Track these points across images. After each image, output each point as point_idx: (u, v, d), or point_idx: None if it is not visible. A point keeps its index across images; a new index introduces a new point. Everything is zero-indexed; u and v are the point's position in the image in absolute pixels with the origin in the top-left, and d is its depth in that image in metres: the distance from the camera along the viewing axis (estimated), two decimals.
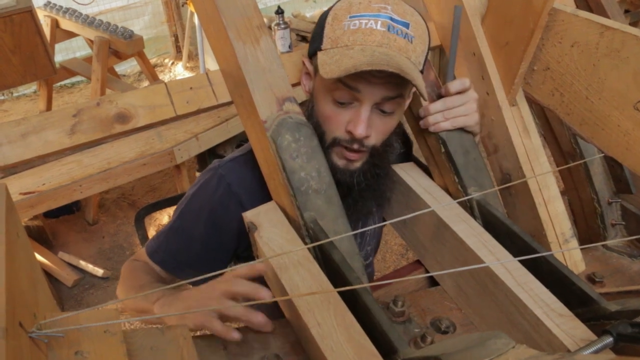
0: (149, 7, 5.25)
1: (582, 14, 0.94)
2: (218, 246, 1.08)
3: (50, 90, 3.61)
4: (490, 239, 0.93)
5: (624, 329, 0.66)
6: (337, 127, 0.94)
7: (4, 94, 4.89)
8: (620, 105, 0.89)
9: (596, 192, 1.24)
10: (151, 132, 2.67)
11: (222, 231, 1.06)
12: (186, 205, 1.10)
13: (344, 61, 0.85)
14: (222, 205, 1.04)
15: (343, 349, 0.70)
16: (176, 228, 1.11)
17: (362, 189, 1.00)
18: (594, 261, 1.15)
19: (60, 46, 4.00)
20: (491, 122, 1.11)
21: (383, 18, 0.87)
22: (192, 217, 1.08)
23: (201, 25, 1.09)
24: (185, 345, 0.73)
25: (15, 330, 0.49)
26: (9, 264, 0.53)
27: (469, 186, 1.02)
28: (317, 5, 5.69)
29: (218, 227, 1.06)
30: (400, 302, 0.92)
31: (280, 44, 2.98)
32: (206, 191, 1.06)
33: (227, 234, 1.06)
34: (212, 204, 1.05)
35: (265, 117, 0.89)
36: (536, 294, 0.81)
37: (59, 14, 3.47)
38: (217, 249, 1.08)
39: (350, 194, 1.00)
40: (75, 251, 3.12)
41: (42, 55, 2.62)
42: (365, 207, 1.03)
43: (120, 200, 3.59)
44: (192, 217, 1.08)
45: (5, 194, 0.61)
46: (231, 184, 1.04)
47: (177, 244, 1.10)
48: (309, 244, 0.88)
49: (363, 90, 0.89)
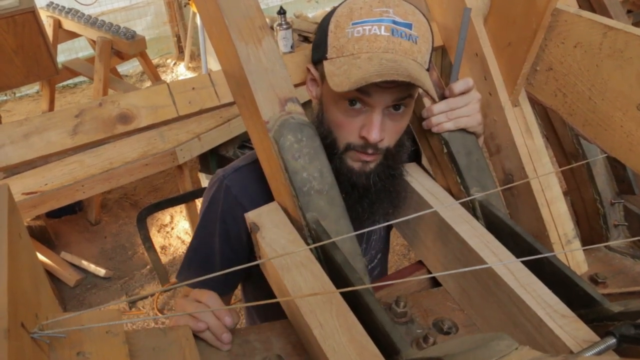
0: (151, 8, 5.26)
1: (585, 14, 0.94)
2: (234, 256, 1.10)
3: (52, 91, 3.62)
4: (492, 239, 0.92)
5: (627, 330, 0.66)
6: (349, 134, 0.94)
7: (6, 94, 4.91)
8: (623, 106, 0.89)
9: (599, 193, 1.23)
10: (153, 132, 2.68)
11: (234, 241, 1.08)
12: (200, 223, 1.13)
13: (352, 72, 0.85)
14: (231, 215, 1.06)
15: (345, 349, 0.70)
16: (195, 247, 1.15)
17: (378, 190, 1.00)
18: (596, 262, 1.15)
19: (62, 46, 4.01)
20: (494, 122, 1.11)
21: (386, 22, 0.87)
22: (207, 233, 1.11)
23: (203, 25, 1.09)
24: (188, 345, 0.73)
25: (18, 331, 0.49)
26: (11, 264, 0.53)
27: (471, 187, 1.02)
28: (319, 6, 5.70)
29: (230, 237, 1.08)
30: (402, 302, 0.92)
31: (283, 44, 2.98)
32: (216, 205, 1.08)
33: (238, 244, 1.08)
34: (223, 215, 1.07)
35: (268, 118, 0.89)
36: (539, 295, 0.81)
37: (62, 14, 3.47)
38: (233, 259, 1.10)
39: (367, 196, 1.00)
40: (78, 251, 3.13)
41: (44, 55, 2.63)
42: (381, 208, 1.03)
43: (123, 200, 3.60)
44: (207, 232, 1.11)
45: (8, 194, 0.61)
46: (237, 195, 1.06)
47: (199, 262, 1.13)
48: (311, 244, 0.88)
49: (374, 96, 0.89)
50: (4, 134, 0.86)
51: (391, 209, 1.04)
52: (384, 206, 1.03)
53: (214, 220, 1.09)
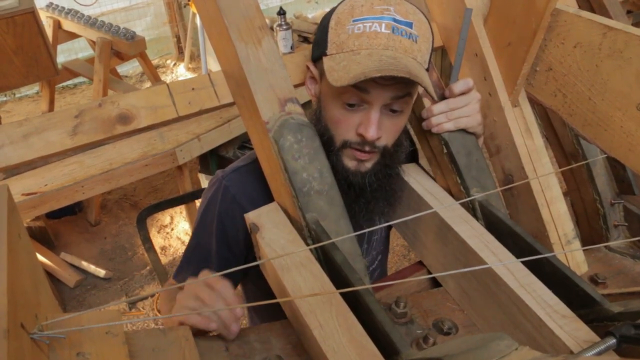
0: (151, 8, 5.26)
1: (585, 15, 0.94)
2: (231, 256, 1.10)
3: (52, 91, 3.62)
4: (492, 240, 0.92)
5: (627, 331, 0.66)
6: (347, 131, 0.94)
7: (6, 95, 4.91)
8: (623, 106, 0.89)
9: (599, 193, 1.23)
10: (153, 133, 2.68)
11: (231, 241, 1.08)
12: (198, 224, 1.13)
13: (352, 67, 0.85)
14: (228, 215, 1.06)
15: (345, 350, 0.70)
16: (193, 247, 1.15)
17: (374, 190, 1.00)
18: (596, 262, 1.14)
19: (62, 47, 4.01)
20: (493, 123, 1.11)
21: (387, 20, 0.87)
22: (205, 233, 1.11)
23: (203, 26, 1.09)
24: (187, 346, 0.73)
25: (17, 332, 0.49)
26: (10, 265, 0.53)
27: (471, 187, 1.02)
28: (319, 6, 5.70)
29: (227, 237, 1.08)
30: (402, 303, 0.92)
31: (282, 44, 2.98)
32: (213, 205, 1.08)
33: (235, 244, 1.08)
34: (220, 215, 1.07)
35: (267, 118, 0.89)
36: (539, 295, 0.80)
37: (62, 15, 3.47)
38: (230, 259, 1.10)
39: (362, 195, 1.00)
40: (77, 252, 3.13)
41: (44, 56, 2.63)
42: (377, 207, 1.03)
43: (122, 201, 3.60)
44: (206, 233, 1.11)
45: (7, 195, 0.61)
46: (236, 194, 1.06)
47: (196, 262, 1.13)
48: (311, 245, 0.88)
49: (372, 93, 0.89)
50: (3, 135, 0.86)
51: (387, 207, 1.05)
52: (380, 205, 1.03)
53: (212, 220, 1.09)
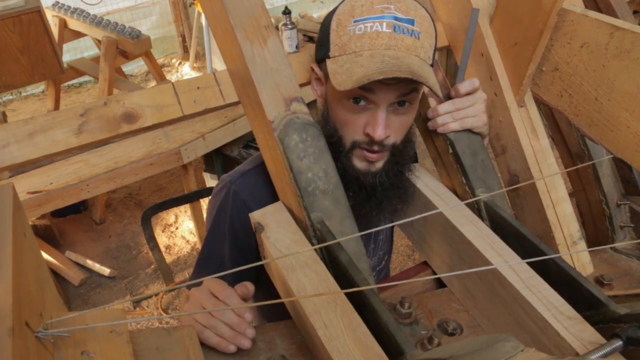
0: (156, 7, 5.27)
1: (592, 15, 0.93)
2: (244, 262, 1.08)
3: (58, 90, 3.63)
4: (498, 240, 0.92)
5: (633, 333, 0.65)
6: (355, 131, 0.94)
7: (12, 93, 4.93)
8: (630, 107, 0.88)
9: (605, 194, 1.23)
10: (158, 131, 2.68)
11: (244, 246, 1.07)
12: (209, 231, 1.12)
13: (354, 70, 0.85)
14: (239, 220, 1.05)
15: (350, 350, 0.69)
16: (206, 255, 1.13)
17: (385, 189, 0.99)
18: (602, 263, 1.14)
19: (68, 46, 4.03)
20: (499, 123, 1.11)
21: (387, 19, 0.87)
22: (217, 240, 1.10)
23: (208, 25, 1.09)
24: (192, 345, 0.72)
25: (22, 330, 0.49)
26: (15, 263, 0.53)
27: (476, 187, 1.02)
28: (324, 6, 5.70)
29: (239, 242, 1.07)
30: (407, 303, 0.92)
31: (288, 44, 2.98)
32: (224, 212, 1.07)
33: (248, 249, 1.07)
34: (231, 220, 1.06)
35: (273, 117, 0.88)
36: (544, 297, 0.80)
37: (67, 14, 3.49)
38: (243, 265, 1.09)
39: (374, 195, 0.99)
40: (82, 250, 3.14)
41: (50, 55, 2.64)
42: (390, 205, 1.02)
43: (127, 199, 3.61)
44: (218, 240, 1.10)
45: (13, 193, 0.61)
46: (246, 200, 1.04)
47: (209, 270, 1.11)
48: (315, 244, 0.88)
49: (378, 93, 0.89)
50: (9, 133, 0.86)
51: (400, 204, 1.04)
52: (392, 203, 1.02)
53: (223, 227, 1.08)
